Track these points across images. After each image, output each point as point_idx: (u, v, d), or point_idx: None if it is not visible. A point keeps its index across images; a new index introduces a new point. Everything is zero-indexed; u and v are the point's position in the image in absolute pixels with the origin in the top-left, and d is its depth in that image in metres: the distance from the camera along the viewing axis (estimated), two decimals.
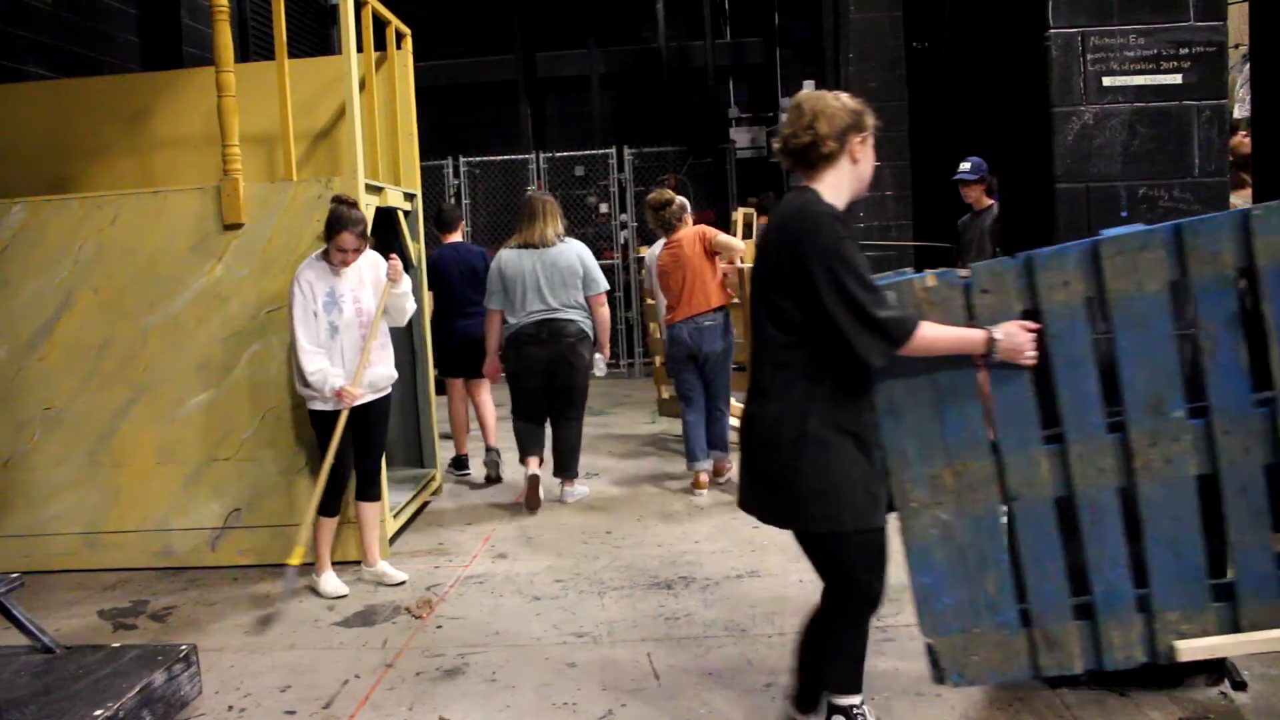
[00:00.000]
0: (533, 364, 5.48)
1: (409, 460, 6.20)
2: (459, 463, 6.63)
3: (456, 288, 6.33)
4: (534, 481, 5.63)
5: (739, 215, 9.64)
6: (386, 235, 5.72)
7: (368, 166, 5.15)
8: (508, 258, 5.52)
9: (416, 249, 5.98)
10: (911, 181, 7.73)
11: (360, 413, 4.35)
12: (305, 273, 4.26)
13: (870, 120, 2.60)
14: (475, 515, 5.74)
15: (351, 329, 4.31)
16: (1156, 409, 2.53)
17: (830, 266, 2.38)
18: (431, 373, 6.17)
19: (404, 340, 6.08)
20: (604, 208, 11.74)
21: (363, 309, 4.36)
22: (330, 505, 4.40)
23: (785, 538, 3.80)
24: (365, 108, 5.37)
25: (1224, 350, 2.49)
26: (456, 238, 6.62)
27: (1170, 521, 2.56)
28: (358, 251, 4.27)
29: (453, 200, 11.75)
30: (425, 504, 5.93)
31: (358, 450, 4.44)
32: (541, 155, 11.87)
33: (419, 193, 6.05)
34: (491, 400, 6.56)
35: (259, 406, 4.80)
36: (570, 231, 5.84)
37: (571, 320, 5.45)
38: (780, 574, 4.45)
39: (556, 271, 5.44)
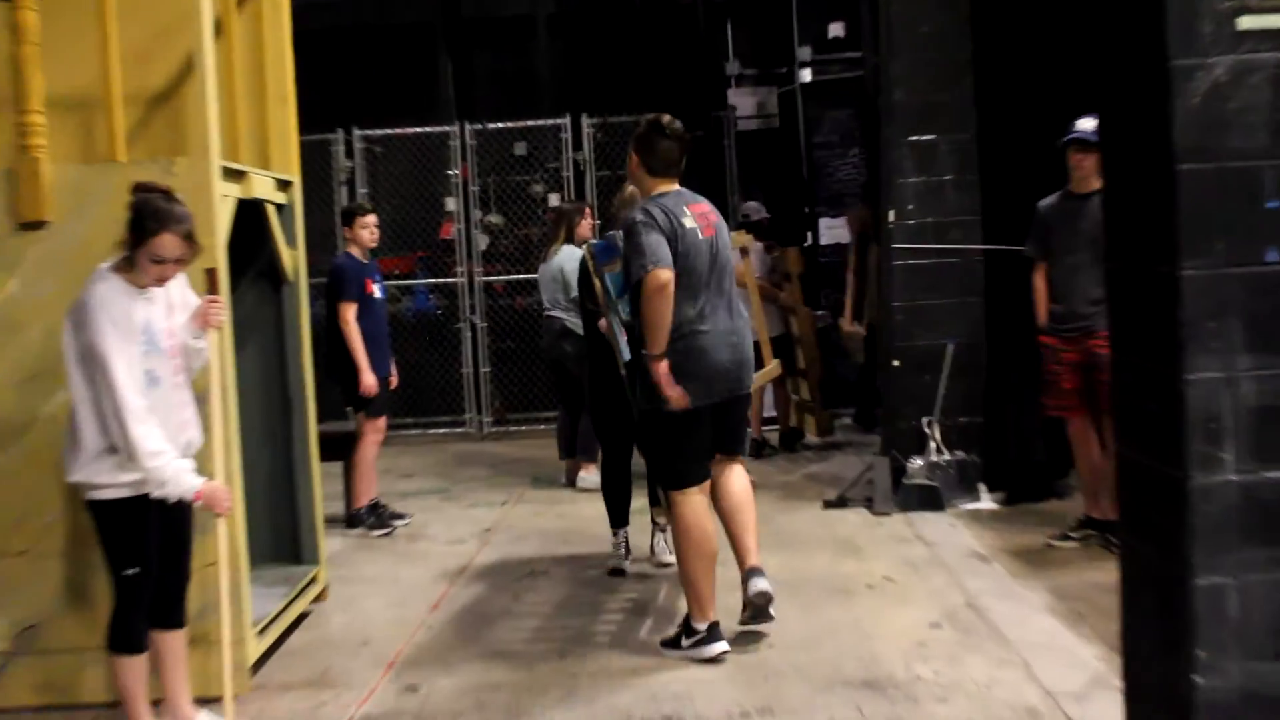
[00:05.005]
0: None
1: (280, 554, 6.11)
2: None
3: None
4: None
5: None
6: (254, 239, 5.69)
7: (225, 143, 5.11)
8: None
9: (293, 256, 5.94)
10: (979, 162, 7.75)
11: (167, 503, 4.20)
12: (111, 297, 4.04)
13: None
14: (375, 628, 5.68)
15: (169, 377, 4.19)
16: None
17: None
18: (314, 433, 6.11)
19: (276, 388, 6.03)
20: (554, 199, 11.73)
21: (178, 346, 4.26)
22: (135, 639, 4.21)
23: (809, 660, 3.77)
24: (222, 60, 5.35)
25: None
26: None
27: None
28: (180, 263, 4.12)
29: (344, 188, 11.74)
30: (304, 615, 5.86)
31: (163, 555, 4.28)
32: (468, 127, 11.89)
33: (298, 179, 6.03)
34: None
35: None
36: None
37: (557, 318, 8.39)
38: (804, 712, 4.41)
39: (549, 278, 8.49)
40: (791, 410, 10.25)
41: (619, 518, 6.54)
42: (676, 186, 5.16)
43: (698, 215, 5.07)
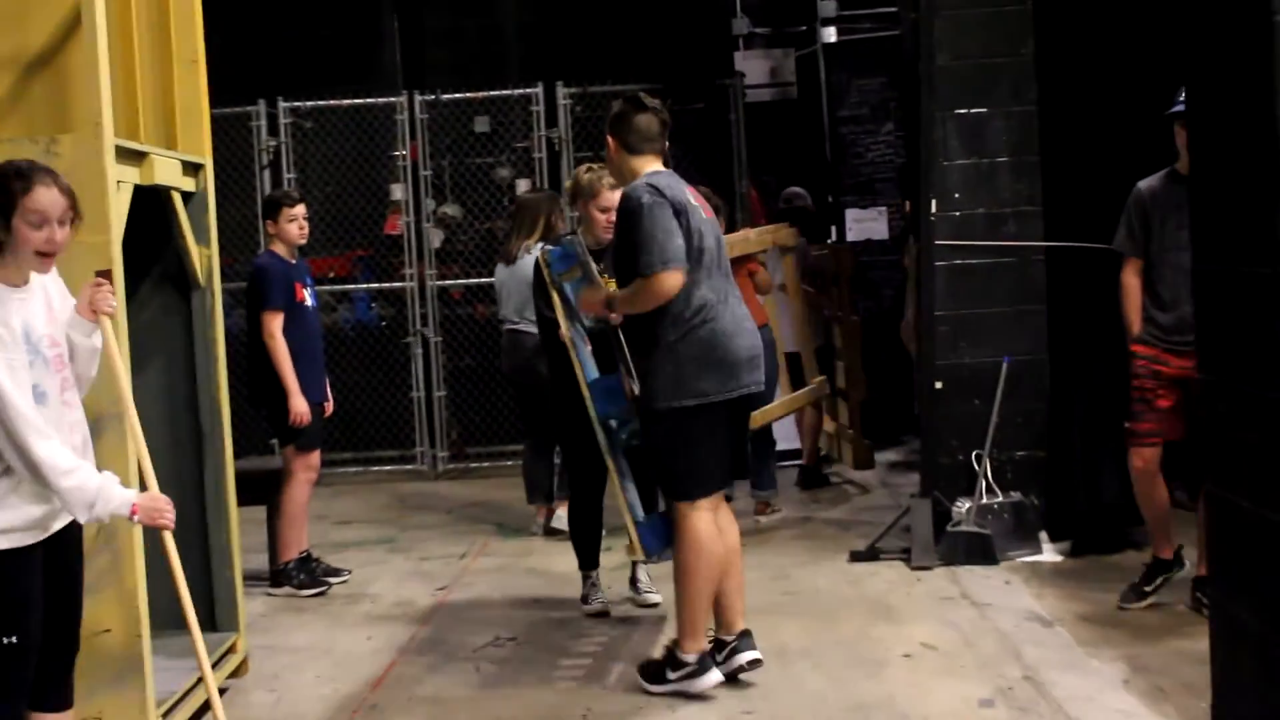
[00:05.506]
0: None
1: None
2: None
3: None
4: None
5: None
6: (158, 235, 5.69)
7: (121, 117, 5.11)
8: (496, 270, 9.12)
9: (205, 255, 5.93)
10: (1040, 140, 7.75)
11: (54, 552, 4.18)
12: None
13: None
14: (306, 708, 5.68)
15: (55, 393, 4.15)
16: None
17: None
18: (231, 471, 6.10)
19: (184, 416, 6.01)
20: (523, 185, 11.74)
21: (63, 356, 4.24)
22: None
23: None
24: (115, 17, 5.35)
25: None
26: None
27: None
28: (63, 225, 4.06)
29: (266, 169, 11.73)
30: (220, 691, 5.82)
31: (50, 620, 4.21)
32: (419, 98, 11.89)
33: (210, 162, 6.04)
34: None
35: None
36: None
37: (528, 333, 8.35)
38: None
39: (521, 282, 8.20)
40: (823, 439, 10.25)
41: (589, 559, 6.98)
42: (659, 165, 5.65)
43: (694, 197, 5.61)
